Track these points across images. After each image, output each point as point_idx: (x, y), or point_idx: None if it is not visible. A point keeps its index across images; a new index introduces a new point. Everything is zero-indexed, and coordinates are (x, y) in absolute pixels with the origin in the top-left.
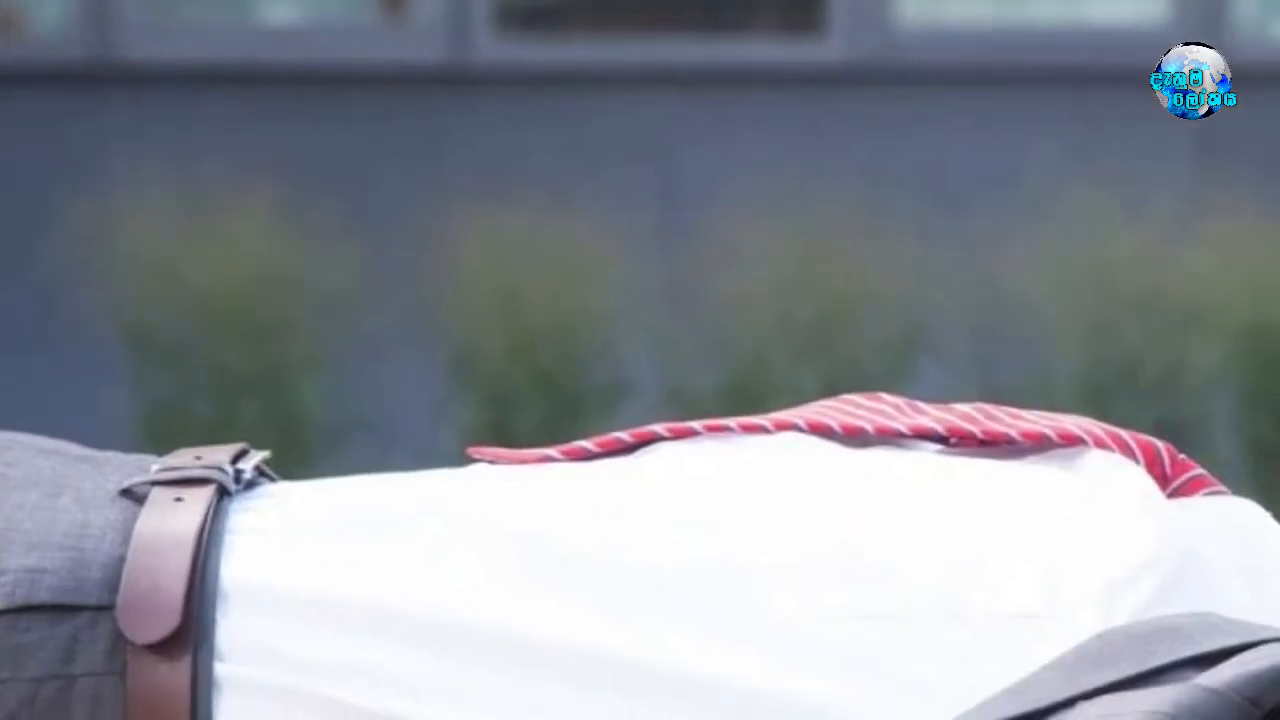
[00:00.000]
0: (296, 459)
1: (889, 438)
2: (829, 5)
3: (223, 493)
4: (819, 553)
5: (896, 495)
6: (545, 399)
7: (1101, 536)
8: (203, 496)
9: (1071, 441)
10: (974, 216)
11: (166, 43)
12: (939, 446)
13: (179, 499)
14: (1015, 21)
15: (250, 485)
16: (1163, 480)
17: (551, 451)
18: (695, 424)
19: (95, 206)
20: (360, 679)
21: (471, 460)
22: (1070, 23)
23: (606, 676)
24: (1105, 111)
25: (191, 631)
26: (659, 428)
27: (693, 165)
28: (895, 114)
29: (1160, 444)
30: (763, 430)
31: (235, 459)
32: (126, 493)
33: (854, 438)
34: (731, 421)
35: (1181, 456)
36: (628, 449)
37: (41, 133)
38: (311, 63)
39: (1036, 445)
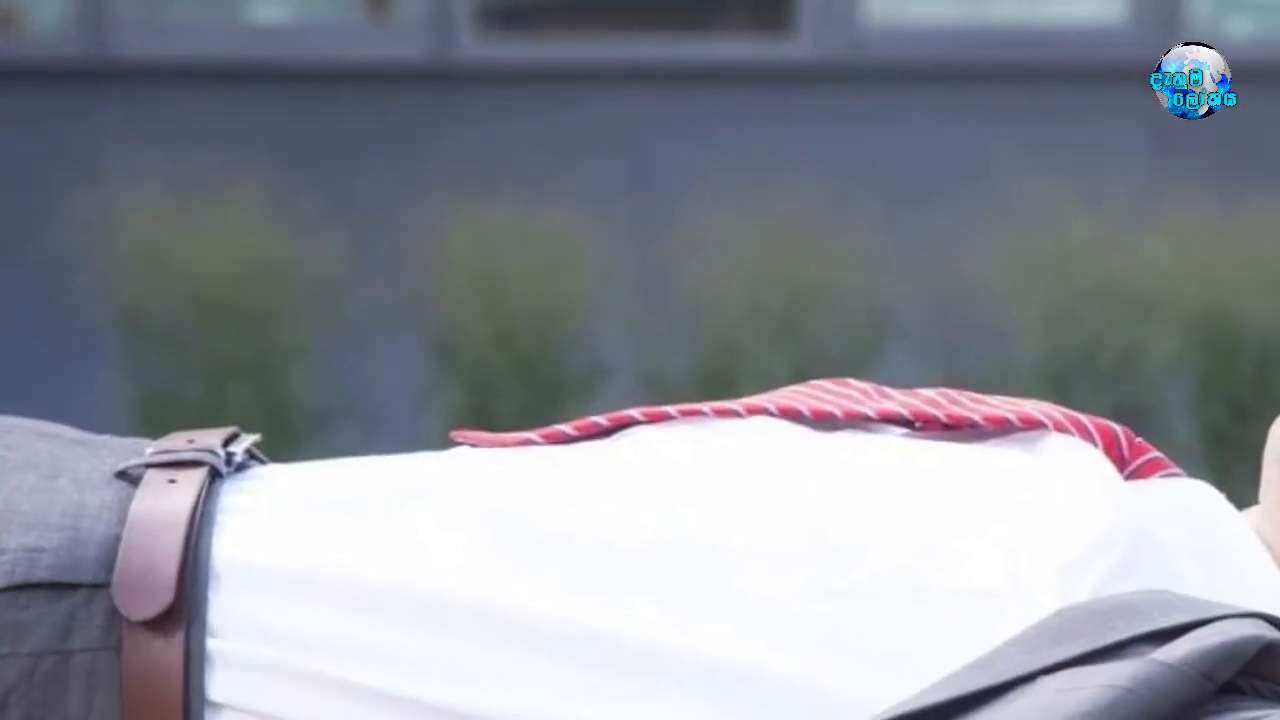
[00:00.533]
0: (285, 442)
1: (856, 422)
2: (797, 5)
3: (214, 474)
4: (788, 533)
5: (863, 478)
6: (525, 384)
7: (1061, 517)
8: (195, 478)
9: (1032, 425)
10: (937, 208)
11: (160, 41)
12: (905, 430)
13: (172, 481)
14: (977, 20)
15: (241, 467)
16: (1120, 463)
17: (531, 435)
18: (670, 408)
19: (91, 198)
20: (347, 653)
21: (454, 443)
22: (1030, 21)
23: (583, 650)
24: (1064, 106)
25: (184, 608)
26: (635, 412)
27: (666, 159)
28: (861, 109)
29: (1118, 428)
30: (735, 414)
31: (226, 442)
32: (122, 475)
33: (823, 422)
34: (705, 406)
35: (1139, 440)
36: (605, 432)
37: (39, 127)
38: (299, 60)
39: (999, 429)
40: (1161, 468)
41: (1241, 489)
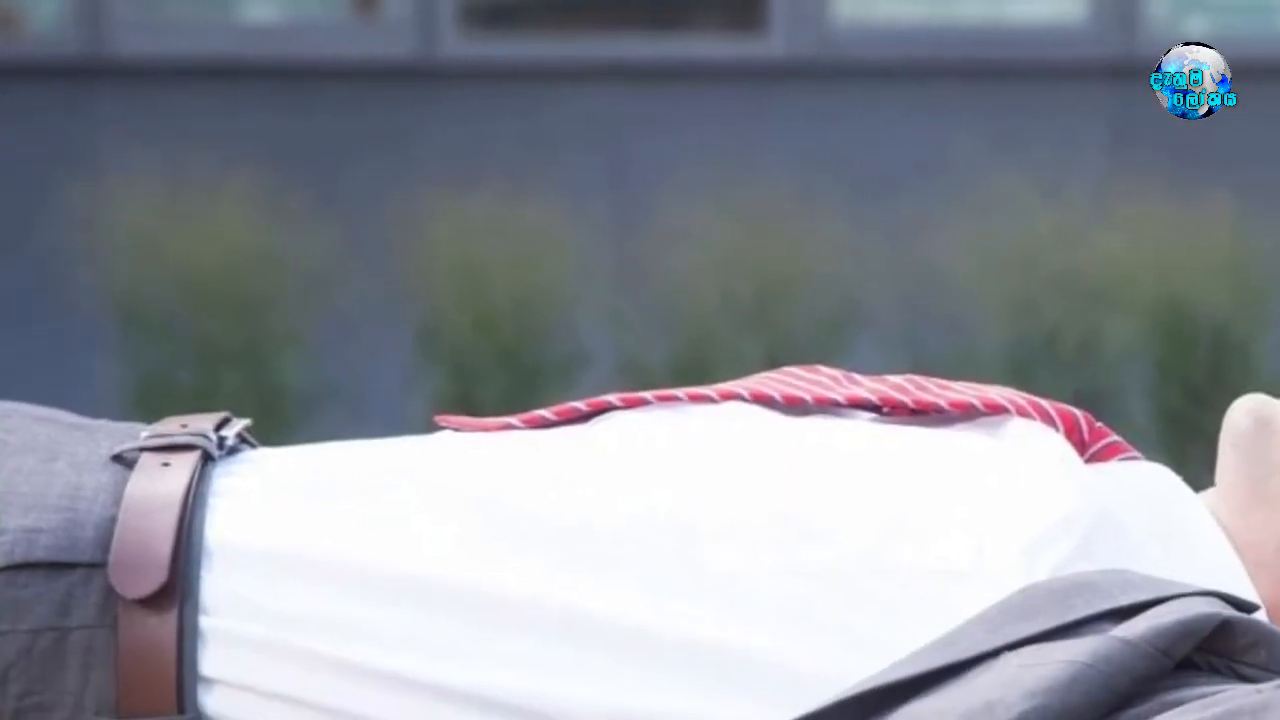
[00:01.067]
0: (276, 426)
1: (826, 407)
2: (769, 4)
3: (207, 458)
4: (761, 515)
5: (833, 461)
6: (506, 371)
7: (1024, 499)
8: (188, 461)
9: (996, 410)
10: (904, 201)
11: (154, 39)
12: (873, 415)
13: (166, 464)
14: (942, 20)
15: (232, 451)
16: (1081, 446)
17: (512, 420)
18: (646, 394)
19: (88, 191)
20: (336, 631)
21: (438, 428)
22: (993, 21)
23: (562, 627)
24: (1025, 103)
25: (178, 587)
26: (612, 397)
27: (642, 153)
28: (831, 105)
29: (1078, 412)
30: (709, 400)
31: (218, 426)
32: (117, 458)
33: (794, 407)
34: (680, 392)
35: (1098, 424)
36: (583, 417)
37: (38, 123)
38: (289, 58)
39: (964, 414)
40: (1120, 451)
41: (1197, 471)
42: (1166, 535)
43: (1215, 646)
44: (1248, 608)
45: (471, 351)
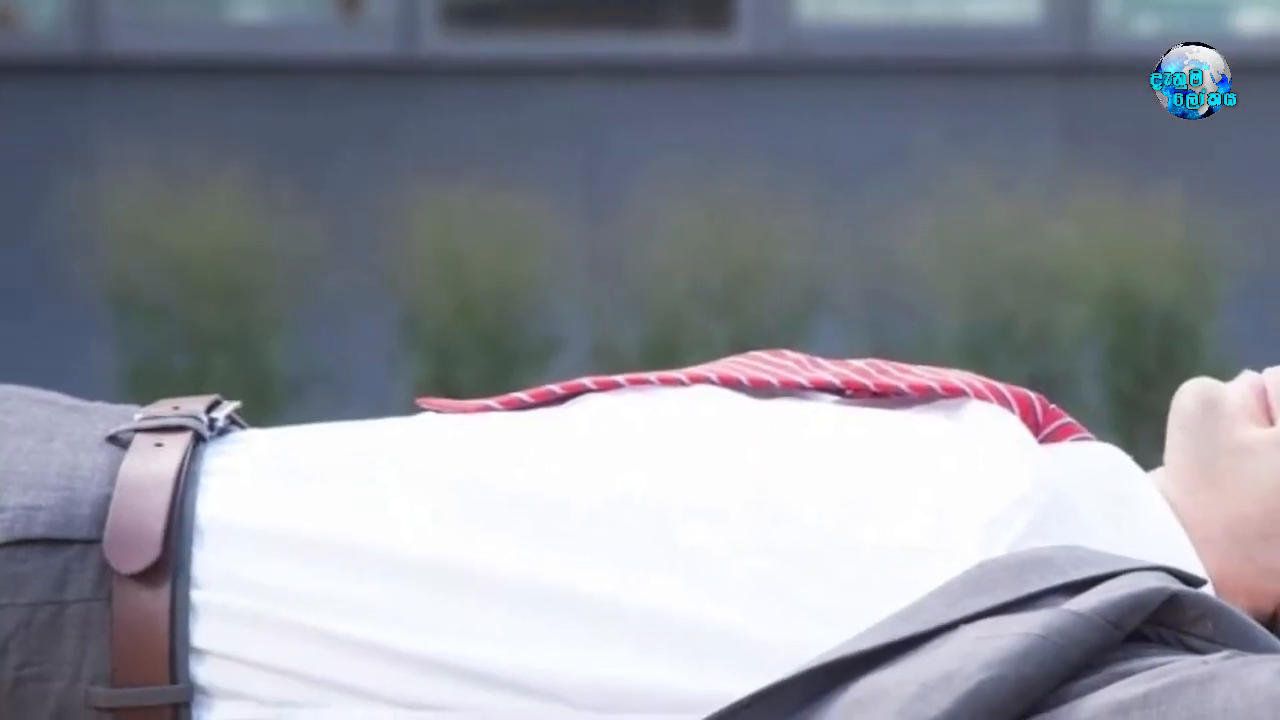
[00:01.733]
0: (264, 409)
1: (792, 390)
2: (737, 4)
3: (198, 439)
4: (730, 494)
5: (799, 443)
6: (485, 355)
7: (981, 478)
8: (180, 442)
9: (954, 393)
10: (866, 193)
11: (148, 38)
12: (836, 398)
13: (159, 444)
14: (902, 19)
15: (223, 432)
16: (1035, 428)
17: (491, 402)
18: (619, 377)
19: (84, 184)
20: (322, 605)
21: (419, 410)
22: (951, 20)
23: (540, 601)
24: (982, 99)
25: (170, 562)
26: (587, 380)
27: (616, 147)
28: (796, 101)
29: (1033, 395)
30: (679, 383)
31: (209, 409)
32: (113, 439)
33: (761, 390)
34: (651, 375)
35: (1052, 406)
36: (559, 400)
37: (36, 118)
38: (277, 56)
39: (923, 396)
40: (1073, 432)
41: (1147, 452)
42: (1117, 513)
43: (1164, 619)
44: (1195, 582)
45: (451, 337)
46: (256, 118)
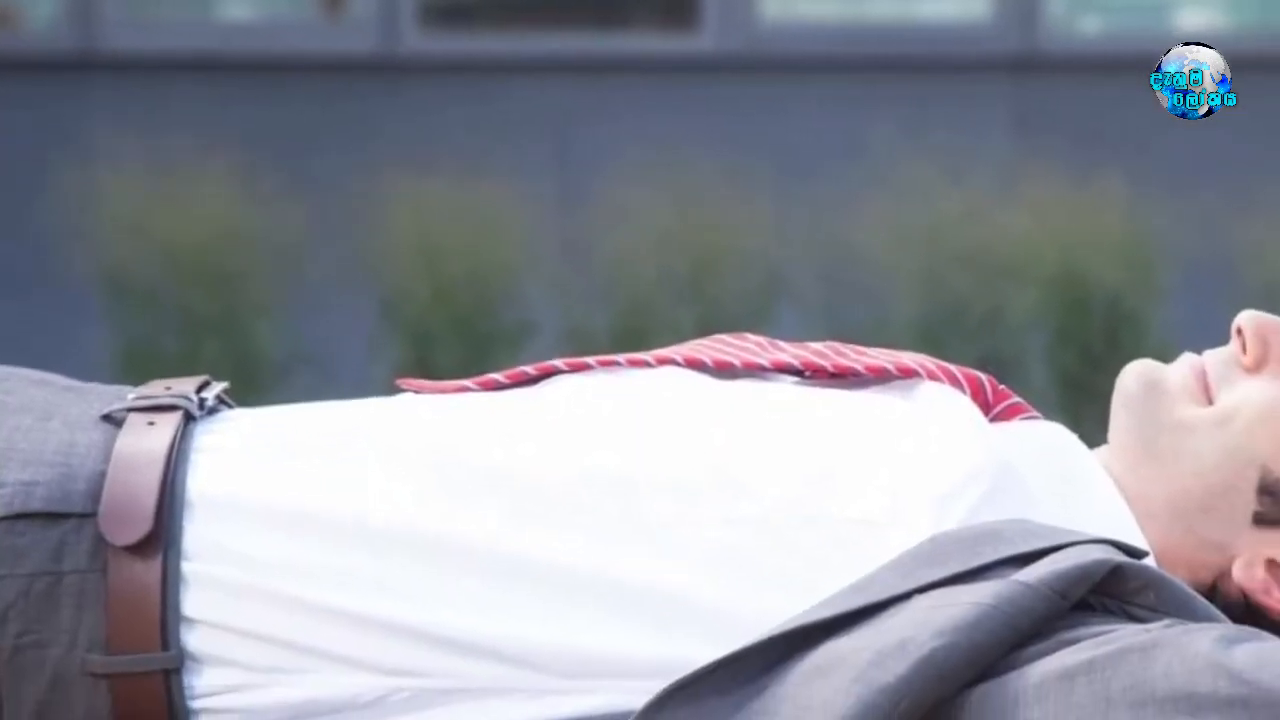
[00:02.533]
0: (251, 389)
1: (754, 371)
2: (701, 3)
3: (189, 418)
4: (694, 469)
5: (761, 421)
6: (461, 338)
7: (934, 456)
8: (172, 421)
9: (908, 374)
10: (823, 184)
11: (142, 36)
12: (796, 379)
13: (151, 423)
14: (859, 18)
15: (212, 411)
16: (986, 407)
17: (467, 383)
18: (589, 359)
19: (80, 175)
20: (305, 576)
21: (399, 390)
22: (905, 19)
23: (514, 572)
24: (934, 94)
25: (162, 536)
26: (559, 362)
27: (586, 140)
28: (758, 96)
29: (983, 376)
30: (646, 365)
31: (199, 389)
32: (107, 418)
33: (724, 371)
34: (620, 357)
35: (1001, 387)
36: (532, 380)
37: (35, 113)
38: (264, 53)
39: (879, 377)
40: (1022, 411)
41: (1092, 430)
42: (1064, 489)
43: (1108, 589)
44: (1137, 554)
45: (429, 320)
46: (244, 112)
